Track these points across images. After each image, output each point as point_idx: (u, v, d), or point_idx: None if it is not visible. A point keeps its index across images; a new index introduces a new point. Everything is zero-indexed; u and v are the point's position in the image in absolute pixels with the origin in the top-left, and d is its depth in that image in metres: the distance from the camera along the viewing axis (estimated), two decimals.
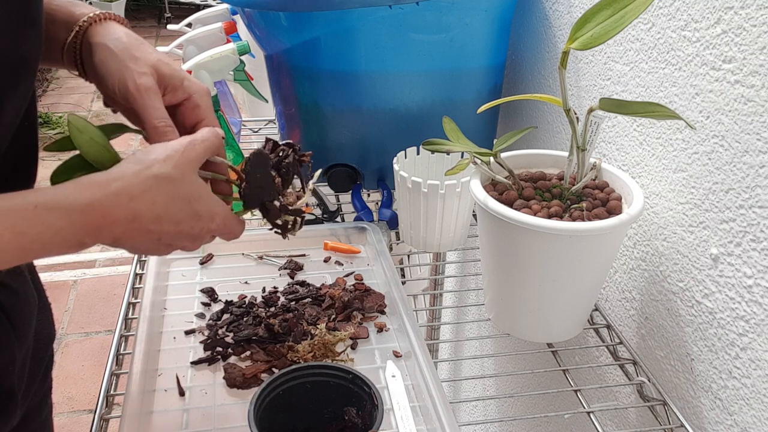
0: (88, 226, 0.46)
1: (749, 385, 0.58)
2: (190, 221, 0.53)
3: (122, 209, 0.48)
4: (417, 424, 0.58)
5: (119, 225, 0.48)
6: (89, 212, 0.46)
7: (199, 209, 0.53)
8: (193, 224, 0.53)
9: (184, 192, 0.51)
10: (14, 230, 0.43)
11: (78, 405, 2.05)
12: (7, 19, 0.46)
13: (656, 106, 0.58)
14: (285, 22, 0.87)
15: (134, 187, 0.48)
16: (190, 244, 0.55)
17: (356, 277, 0.80)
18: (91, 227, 0.46)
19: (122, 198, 0.48)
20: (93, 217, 0.46)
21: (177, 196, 0.51)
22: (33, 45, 0.50)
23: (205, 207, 0.54)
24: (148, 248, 0.52)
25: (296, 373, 0.59)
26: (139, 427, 0.57)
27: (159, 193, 0.50)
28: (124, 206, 0.48)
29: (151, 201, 0.49)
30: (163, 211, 0.50)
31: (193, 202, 0.52)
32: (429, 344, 1.38)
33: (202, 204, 0.53)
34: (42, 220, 0.44)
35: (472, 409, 1.48)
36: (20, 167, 0.54)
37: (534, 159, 0.76)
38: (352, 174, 0.98)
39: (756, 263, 0.56)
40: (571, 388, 0.69)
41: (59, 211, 0.45)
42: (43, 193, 0.45)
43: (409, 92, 0.91)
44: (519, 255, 0.66)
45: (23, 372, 0.58)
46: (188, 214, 0.52)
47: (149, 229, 0.50)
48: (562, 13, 0.89)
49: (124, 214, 0.48)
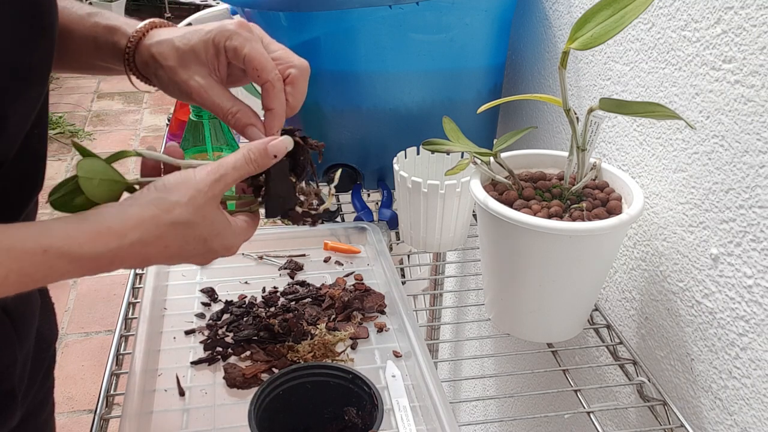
0: (96, 269, 0.46)
1: (749, 385, 0.58)
2: (203, 254, 0.52)
3: (134, 257, 0.47)
4: (417, 424, 0.58)
5: (128, 265, 0.48)
6: (100, 260, 0.45)
7: (215, 246, 0.52)
8: (206, 256, 0.52)
9: (201, 233, 0.50)
10: (20, 272, 0.42)
11: (78, 405, 2.05)
12: (15, 26, 0.46)
13: (656, 106, 0.58)
14: (285, 22, 0.87)
15: (150, 235, 0.47)
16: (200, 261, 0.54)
17: (356, 277, 0.80)
18: (98, 270, 0.46)
19: (136, 247, 0.47)
20: (102, 264, 0.46)
21: (193, 238, 0.50)
22: (43, 54, 0.49)
23: (221, 243, 0.52)
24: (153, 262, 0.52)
25: (296, 373, 0.59)
26: (139, 427, 0.57)
27: (175, 238, 0.49)
28: (136, 254, 0.47)
29: (164, 246, 0.48)
30: (176, 252, 0.50)
31: (209, 241, 0.51)
32: (429, 344, 1.38)
33: (218, 241, 0.52)
34: (50, 264, 0.43)
35: (472, 409, 1.48)
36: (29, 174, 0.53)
37: (534, 159, 0.76)
38: (352, 174, 0.98)
39: (756, 263, 0.56)
40: (571, 388, 0.69)
41: (69, 257, 0.44)
42: (55, 237, 0.43)
43: (409, 92, 0.91)
44: (519, 255, 0.66)
45: (24, 372, 0.58)
46: (202, 251, 0.51)
47: (158, 261, 0.50)
48: (562, 13, 0.89)
49: (136, 260, 0.48)
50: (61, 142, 3.70)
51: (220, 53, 0.55)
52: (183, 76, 0.55)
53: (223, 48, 0.55)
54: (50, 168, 0.56)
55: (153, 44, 0.56)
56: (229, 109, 0.56)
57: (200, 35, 0.55)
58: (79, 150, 0.50)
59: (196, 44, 0.55)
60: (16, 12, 0.45)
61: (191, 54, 0.55)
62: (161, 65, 0.55)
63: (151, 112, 4.14)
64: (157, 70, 0.56)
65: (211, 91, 0.55)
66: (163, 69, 0.56)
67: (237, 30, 0.55)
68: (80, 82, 4.39)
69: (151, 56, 0.56)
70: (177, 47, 0.55)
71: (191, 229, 0.49)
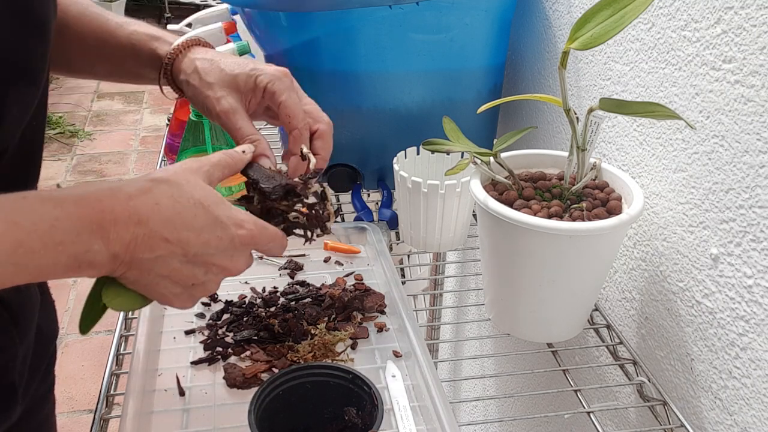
0: (86, 219, 0.42)
1: (749, 385, 0.58)
2: (213, 229, 0.48)
3: (120, 206, 0.44)
4: (417, 424, 0.58)
5: (123, 226, 0.43)
6: (82, 204, 0.42)
7: (219, 214, 0.48)
8: (220, 233, 0.48)
9: (192, 195, 0.47)
10: (6, 220, 0.39)
11: (78, 405, 2.05)
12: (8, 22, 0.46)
13: (656, 106, 0.58)
14: (285, 22, 0.87)
15: (129, 187, 0.45)
16: (229, 261, 0.50)
17: (356, 277, 0.80)
18: (91, 222, 0.42)
19: (118, 195, 0.44)
20: (89, 210, 0.42)
21: (184, 198, 0.47)
22: (37, 50, 0.49)
23: (226, 212, 0.49)
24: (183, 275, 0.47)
25: (296, 373, 0.59)
26: (139, 427, 0.57)
27: (161, 195, 0.46)
28: (121, 203, 0.44)
29: (153, 202, 0.45)
30: (173, 215, 0.46)
31: (209, 207, 0.48)
32: (429, 344, 1.38)
33: (221, 209, 0.48)
34: (34, 208, 0.40)
35: (472, 409, 1.49)
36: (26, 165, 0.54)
37: (534, 159, 0.76)
38: (352, 174, 0.98)
39: (756, 263, 0.56)
40: (571, 388, 0.69)
41: (51, 201, 0.41)
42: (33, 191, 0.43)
43: (409, 92, 0.91)
44: (519, 255, 0.66)
45: (24, 368, 0.59)
46: (207, 221, 0.47)
47: (165, 238, 0.45)
48: (562, 13, 0.89)
49: (124, 212, 0.44)
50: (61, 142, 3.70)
51: (258, 90, 0.61)
52: (218, 93, 0.60)
53: (263, 88, 0.61)
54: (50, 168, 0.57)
55: (199, 58, 0.62)
56: (249, 136, 0.60)
57: (246, 69, 0.61)
58: None
59: (240, 74, 0.60)
60: (8, 10, 0.46)
61: (232, 79, 0.60)
62: (201, 78, 0.61)
63: (152, 112, 4.14)
64: (194, 81, 0.61)
65: (238, 114, 0.60)
66: (200, 82, 0.61)
67: (280, 76, 0.61)
68: (80, 82, 4.39)
69: (195, 68, 0.61)
70: (221, 68, 0.61)
71: (176, 189, 0.47)
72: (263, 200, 0.57)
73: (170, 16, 5.27)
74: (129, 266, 0.45)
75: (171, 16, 5.27)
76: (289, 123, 0.61)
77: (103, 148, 3.71)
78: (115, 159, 3.60)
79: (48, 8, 0.50)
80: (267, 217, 0.57)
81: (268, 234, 0.52)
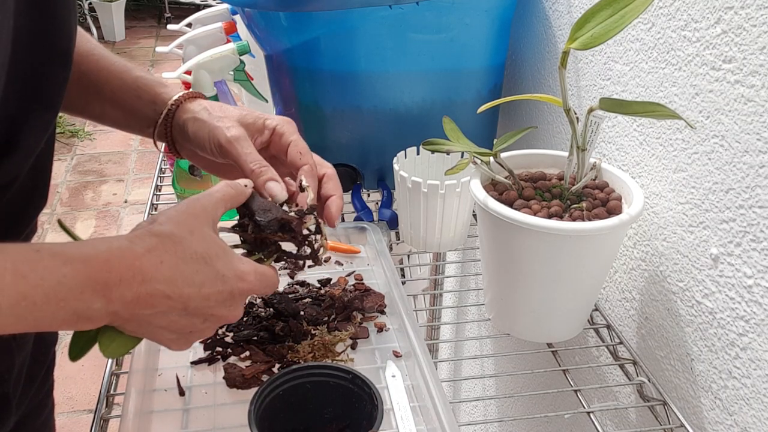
0: (92, 279, 0.42)
1: (749, 385, 0.58)
2: (214, 283, 0.48)
3: (126, 266, 0.44)
4: (417, 424, 0.58)
5: (127, 285, 0.44)
6: (91, 263, 0.43)
7: (220, 269, 0.49)
8: (220, 287, 0.49)
9: (194, 250, 0.48)
10: (15, 272, 0.39)
11: (78, 405, 2.05)
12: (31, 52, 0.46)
13: (656, 106, 0.58)
14: (285, 22, 0.87)
15: (137, 246, 0.45)
16: (227, 311, 0.50)
17: (356, 277, 0.80)
18: (96, 282, 0.43)
19: (126, 254, 0.44)
20: (96, 270, 0.43)
21: (187, 255, 0.47)
22: (57, 81, 0.51)
23: (228, 266, 0.49)
24: (181, 325, 0.48)
25: (296, 373, 0.59)
26: (139, 427, 0.57)
27: (165, 252, 0.46)
28: (128, 263, 0.44)
29: (158, 260, 0.45)
30: (176, 272, 0.46)
31: (210, 262, 0.48)
32: (429, 344, 1.38)
33: (222, 263, 0.49)
34: (44, 264, 0.41)
35: (472, 409, 1.49)
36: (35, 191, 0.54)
37: (534, 159, 0.76)
38: (352, 174, 0.98)
39: (756, 263, 0.56)
40: (571, 388, 0.69)
41: (62, 257, 0.42)
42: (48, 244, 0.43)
43: (409, 92, 0.91)
44: (519, 255, 0.66)
45: (20, 377, 0.58)
46: (209, 276, 0.48)
47: (167, 295, 0.46)
48: (562, 13, 0.89)
49: (130, 271, 0.44)
50: (61, 142, 3.70)
51: (266, 130, 0.63)
52: (226, 123, 0.61)
53: (272, 129, 0.63)
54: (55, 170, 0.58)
55: (207, 104, 0.64)
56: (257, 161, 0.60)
57: (255, 113, 0.63)
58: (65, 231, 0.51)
59: (248, 115, 0.63)
60: (34, 39, 0.46)
61: (242, 117, 0.62)
62: (210, 113, 0.62)
63: None
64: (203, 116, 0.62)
65: (245, 143, 0.60)
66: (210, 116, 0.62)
67: (288, 121, 0.64)
68: None
69: (204, 107, 0.63)
70: (231, 110, 0.63)
71: (179, 245, 0.47)
72: (257, 231, 0.57)
73: (170, 16, 5.27)
74: (127, 320, 0.46)
75: (171, 16, 5.26)
76: (300, 159, 0.62)
77: (103, 148, 3.72)
78: (115, 159, 3.60)
79: (70, 35, 0.51)
80: (260, 246, 0.59)
81: (266, 280, 0.53)
